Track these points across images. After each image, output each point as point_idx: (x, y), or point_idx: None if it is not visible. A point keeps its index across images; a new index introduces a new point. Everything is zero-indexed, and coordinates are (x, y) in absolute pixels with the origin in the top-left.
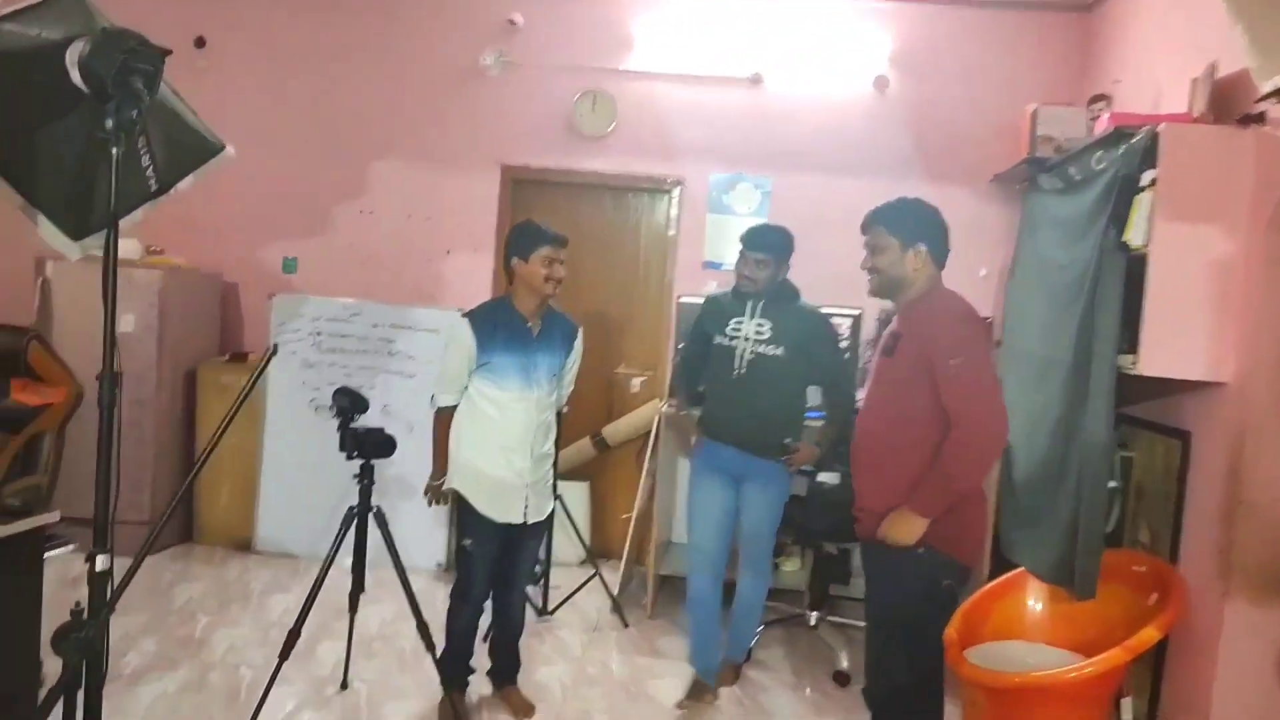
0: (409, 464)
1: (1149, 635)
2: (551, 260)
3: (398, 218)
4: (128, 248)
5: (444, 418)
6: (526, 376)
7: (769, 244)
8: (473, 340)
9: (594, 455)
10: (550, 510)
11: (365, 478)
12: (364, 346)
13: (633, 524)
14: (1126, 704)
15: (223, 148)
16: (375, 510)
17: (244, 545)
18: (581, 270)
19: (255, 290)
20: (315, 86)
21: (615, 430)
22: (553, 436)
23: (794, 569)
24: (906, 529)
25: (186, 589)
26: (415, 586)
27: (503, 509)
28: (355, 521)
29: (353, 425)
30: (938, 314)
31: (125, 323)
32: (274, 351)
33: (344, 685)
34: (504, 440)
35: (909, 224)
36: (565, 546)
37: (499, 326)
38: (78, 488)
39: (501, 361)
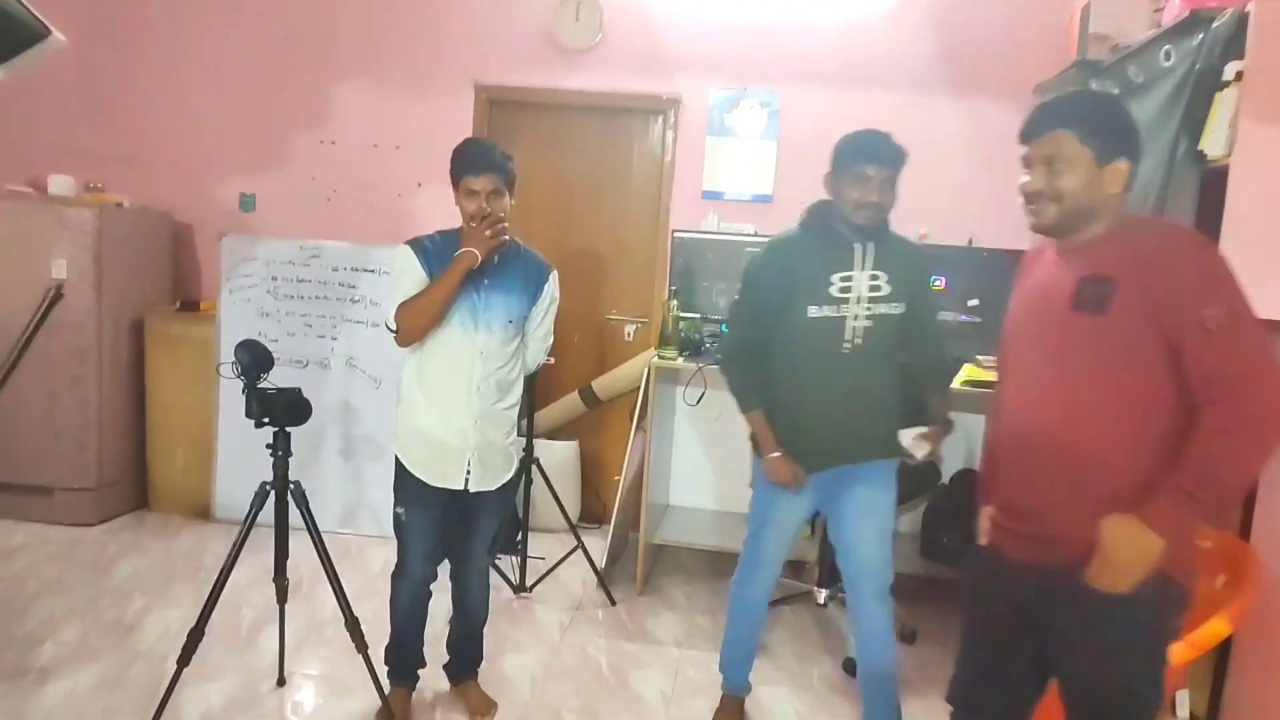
0: (378, 423)
1: (1217, 629)
2: (471, 192)
3: (363, 148)
4: (59, 184)
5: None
6: (472, 317)
7: (891, 153)
8: (416, 262)
9: (584, 411)
10: (506, 480)
11: (279, 447)
12: (324, 292)
13: (622, 487)
14: (1182, 697)
15: (47, 33)
16: (294, 485)
17: (202, 513)
18: (567, 203)
19: (210, 231)
20: (270, 3)
21: (606, 383)
22: (512, 397)
23: (802, 537)
24: (1139, 550)
25: (130, 564)
26: (384, 558)
27: (438, 473)
28: (271, 498)
29: (260, 385)
30: (1173, 247)
31: (57, 268)
32: (57, 294)
33: (280, 681)
34: (441, 392)
35: (1107, 129)
36: (549, 513)
37: (444, 257)
38: None
39: None
